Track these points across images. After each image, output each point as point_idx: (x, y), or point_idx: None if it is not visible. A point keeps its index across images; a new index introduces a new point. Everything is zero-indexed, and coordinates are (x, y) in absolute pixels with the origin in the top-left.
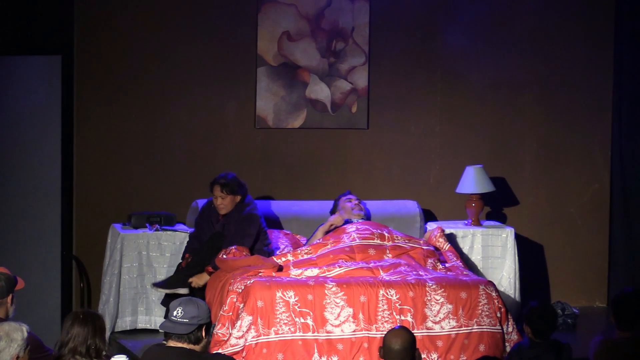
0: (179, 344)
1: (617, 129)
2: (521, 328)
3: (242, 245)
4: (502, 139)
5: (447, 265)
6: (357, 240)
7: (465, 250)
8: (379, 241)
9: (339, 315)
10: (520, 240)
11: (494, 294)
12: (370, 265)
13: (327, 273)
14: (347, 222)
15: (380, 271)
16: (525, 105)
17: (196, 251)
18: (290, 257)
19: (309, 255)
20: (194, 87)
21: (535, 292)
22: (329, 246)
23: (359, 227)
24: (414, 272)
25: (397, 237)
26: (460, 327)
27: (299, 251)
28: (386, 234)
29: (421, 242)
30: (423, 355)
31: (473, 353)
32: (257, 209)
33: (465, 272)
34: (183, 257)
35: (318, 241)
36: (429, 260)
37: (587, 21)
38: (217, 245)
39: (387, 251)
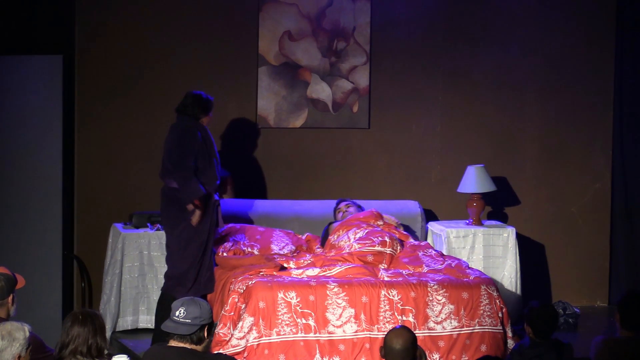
0: (181, 344)
1: (618, 128)
2: (522, 328)
3: None
4: (503, 139)
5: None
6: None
7: (467, 249)
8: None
9: (340, 315)
10: (521, 239)
11: (495, 293)
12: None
13: (328, 272)
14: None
15: (382, 270)
16: (526, 104)
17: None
18: (292, 265)
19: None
20: (195, 86)
21: (537, 291)
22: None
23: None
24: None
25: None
26: (462, 327)
27: (302, 261)
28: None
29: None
30: None
31: (475, 353)
32: None
33: (447, 260)
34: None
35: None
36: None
37: (588, 21)
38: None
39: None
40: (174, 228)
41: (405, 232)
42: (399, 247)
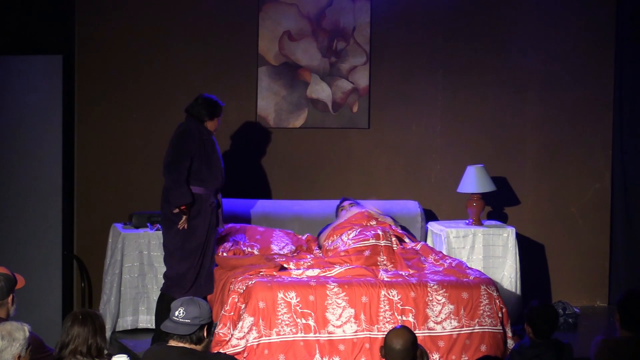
0: (181, 344)
1: (618, 128)
2: (522, 328)
3: None
4: (503, 139)
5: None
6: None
7: (467, 249)
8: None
9: (340, 315)
10: (521, 239)
11: (495, 293)
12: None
13: (328, 272)
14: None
15: (381, 271)
16: (526, 104)
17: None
18: (292, 266)
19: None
20: (195, 86)
21: (537, 291)
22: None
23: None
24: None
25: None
26: (462, 327)
27: (302, 262)
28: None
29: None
30: None
31: (475, 353)
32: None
33: (449, 261)
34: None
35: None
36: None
37: (588, 20)
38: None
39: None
40: (170, 228)
41: (401, 231)
42: (394, 239)
